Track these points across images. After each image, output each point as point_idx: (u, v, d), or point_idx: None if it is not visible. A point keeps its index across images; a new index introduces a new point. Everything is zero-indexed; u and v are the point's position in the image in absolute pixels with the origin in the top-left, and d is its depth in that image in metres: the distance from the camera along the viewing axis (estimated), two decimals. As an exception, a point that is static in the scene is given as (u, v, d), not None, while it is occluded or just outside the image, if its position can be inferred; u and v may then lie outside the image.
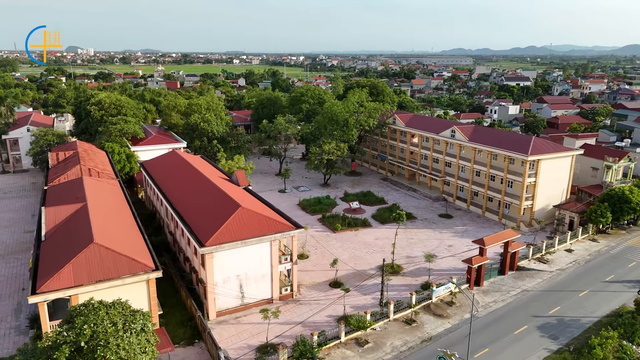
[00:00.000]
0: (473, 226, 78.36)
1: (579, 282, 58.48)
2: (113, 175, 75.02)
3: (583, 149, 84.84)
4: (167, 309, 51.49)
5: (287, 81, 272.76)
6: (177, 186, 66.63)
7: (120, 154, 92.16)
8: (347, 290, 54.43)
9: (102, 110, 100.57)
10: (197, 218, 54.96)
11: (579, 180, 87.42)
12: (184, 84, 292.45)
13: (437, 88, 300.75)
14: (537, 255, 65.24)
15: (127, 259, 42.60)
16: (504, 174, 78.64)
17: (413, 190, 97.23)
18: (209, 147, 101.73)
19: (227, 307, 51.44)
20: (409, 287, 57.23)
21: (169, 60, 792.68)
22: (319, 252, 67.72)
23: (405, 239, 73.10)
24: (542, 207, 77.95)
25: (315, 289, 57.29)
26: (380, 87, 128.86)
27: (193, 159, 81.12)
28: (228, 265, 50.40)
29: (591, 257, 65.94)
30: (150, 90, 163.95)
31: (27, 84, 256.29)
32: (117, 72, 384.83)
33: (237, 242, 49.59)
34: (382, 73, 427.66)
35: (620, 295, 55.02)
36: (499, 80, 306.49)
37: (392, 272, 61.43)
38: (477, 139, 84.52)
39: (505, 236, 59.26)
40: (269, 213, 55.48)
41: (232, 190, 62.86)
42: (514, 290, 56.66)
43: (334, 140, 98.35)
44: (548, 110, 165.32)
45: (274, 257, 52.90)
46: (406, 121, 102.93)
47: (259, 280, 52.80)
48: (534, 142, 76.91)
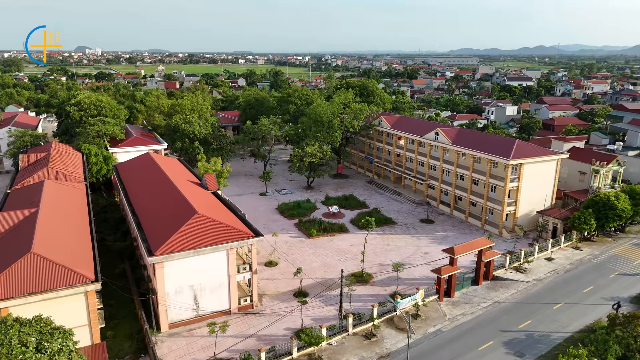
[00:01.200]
0: (454, 232, 75.62)
1: (555, 294, 55.63)
2: (82, 178, 73.15)
3: (569, 152, 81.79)
4: (118, 320, 49.65)
5: (286, 81, 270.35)
6: (142, 190, 64.64)
7: (97, 156, 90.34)
8: (305, 302, 51.97)
9: (82, 111, 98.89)
10: (154, 224, 52.90)
11: (567, 185, 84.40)
12: (183, 83, 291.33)
13: (439, 88, 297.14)
14: (514, 264, 62.43)
15: (65, 270, 40.55)
16: (487, 178, 75.82)
17: (398, 193, 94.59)
18: (190, 148, 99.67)
19: (181, 318, 49.28)
20: (376, 298, 54.76)
21: (174, 60, 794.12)
22: (290, 259, 65.40)
23: (381, 245, 70.63)
24: (526, 212, 75.03)
25: (278, 299, 54.99)
26: (371, 87, 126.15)
27: (167, 161, 79.16)
28: (181, 275, 48.25)
29: (572, 266, 63.00)
30: (140, 90, 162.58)
31: (26, 84, 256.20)
32: (118, 72, 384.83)
33: (189, 251, 47.42)
34: (385, 73, 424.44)
35: (597, 308, 52.13)
36: (501, 81, 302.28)
37: (361, 281, 58.99)
38: (460, 142, 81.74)
39: (477, 245, 56.54)
40: (228, 220, 53.22)
41: (197, 195, 60.75)
42: (485, 302, 53.95)
43: (318, 142, 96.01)
44: (546, 111, 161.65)
45: (231, 267, 50.67)
46: (392, 123, 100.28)
47: (216, 290, 50.58)
48: (517, 146, 74.01)
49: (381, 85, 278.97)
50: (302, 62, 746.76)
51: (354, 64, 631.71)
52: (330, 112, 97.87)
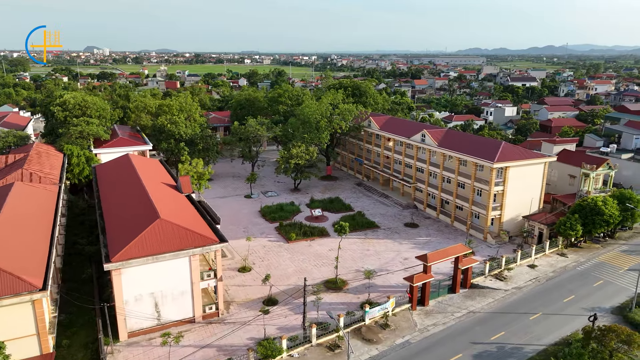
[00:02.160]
0: (438, 237, 73.54)
1: (534, 303, 53.44)
2: (57, 180, 71.88)
3: (559, 155, 79.39)
4: (76, 328, 48.22)
5: (287, 81, 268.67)
6: (113, 193, 63.25)
7: (79, 157, 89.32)
8: (267, 311, 50.16)
9: (66, 111, 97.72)
10: (117, 228, 51.43)
11: (557, 189, 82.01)
12: (184, 83, 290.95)
13: (441, 88, 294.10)
14: (495, 272, 60.26)
15: (11, 277, 39.09)
16: (472, 182, 73.66)
17: (385, 196, 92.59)
18: (176, 149, 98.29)
19: (142, 327, 47.70)
20: (348, 306, 52.95)
21: (181, 60, 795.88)
22: (265, 265, 63.72)
23: (360, 250, 68.76)
24: (512, 217, 72.78)
25: (247, 307, 53.28)
26: (363, 88, 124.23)
27: (146, 163, 77.81)
28: (140, 282, 46.69)
29: (555, 274, 60.71)
30: (134, 90, 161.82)
31: (27, 83, 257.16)
32: (121, 72, 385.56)
33: (147, 258, 45.83)
34: (389, 73, 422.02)
35: (576, 319, 49.87)
36: (504, 81, 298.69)
37: (334, 288, 57.17)
38: (446, 144, 79.62)
39: (454, 251, 54.49)
40: (193, 225, 51.61)
41: (167, 198, 59.29)
42: (460, 312, 51.89)
43: (305, 143, 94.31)
44: (545, 112, 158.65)
45: (194, 274, 49.04)
46: (381, 124, 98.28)
47: (178, 298, 48.97)
48: (503, 148, 71.76)
49: (382, 86, 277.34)
50: (307, 62, 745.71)
51: (359, 64, 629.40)
52: (317, 113, 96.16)
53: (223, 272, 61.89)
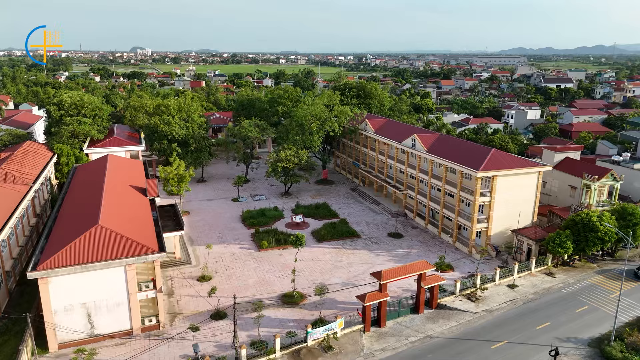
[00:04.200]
0: (420, 249, 68.75)
1: (502, 329, 48.28)
2: (32, 180, 71.37)
3: (561, 164, 72.94)
4: (9, 336, 46.72)
5: (310, 81, 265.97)
6: (74, 196, 61.96)
7: (68, 156, 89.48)
8: (197, 329, 47.15)
9: (62, 110, 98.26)
10: (59, 233, 49.81)
11: (557, 200, 75.54)
12: (210, 83, 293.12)
13: (470, 90, 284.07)
14: (469, 291, 55.21)
15: None
16: (458, 191, 68.47)
17: (377, 203, 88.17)
18: (168, 150, 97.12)
19: (73, 338, 45.72)
20: (299, 323, 49.41)
21: (218, 60, 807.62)
22: (227, 274, 60.99)
23: (332, 261, 64.96)
24: (501, 230, 67.17)
25: (193, 320, 50.44)
26: (368, 89, 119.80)
27: (124, 164, 76.57)
28: (70, 292, 44.72)
29: (536, 296, 55.06)
30: (150, 89, 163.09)
31: (58, 82, 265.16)
32: (151, 71, 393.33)
33: (76, 267, 43.80)
34: (420, 73, 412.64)
35: (543, 351, 44.41)
36: (537, 82, 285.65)
37: (289, 302, 53.73)
38: (436, 150, 74.64)
39: (413, 269, 49.97)
40: (137, 232, 49.33)
41: (124, 203, 57.51)
42: (416, 336, 47.39)
43: (295, 146, 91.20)
44: (570, 115, 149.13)
45: (130, 284, 46.69)
46: (377, 127, 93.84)
47: (114, 309, 46.73)
48: (492, 156, 66.28)
49: (407, 86, 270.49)
50: (341, 62, 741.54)
51: (393, 64, 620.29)
52: (310, 114, 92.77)
53: (181, 281, 59.91)
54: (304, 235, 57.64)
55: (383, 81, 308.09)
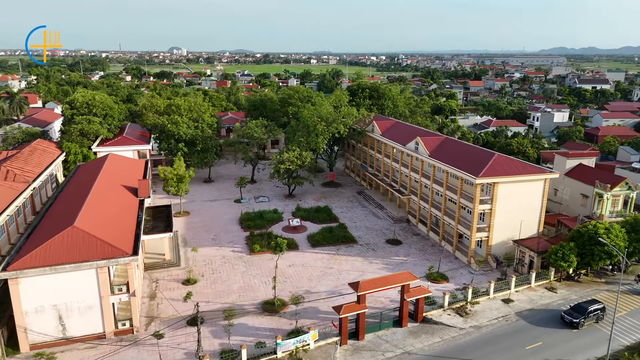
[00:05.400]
0: (416, 257, 65.85)
1: (487, 348, 45.15)
2: (32, 178, 72.11)
3: (574, 170, 68.56)
4: (-16, 335, 46.81)
5: (333, 82, 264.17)
6: (64, 196, 62.14)
7: (76, 155, 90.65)
8: (161, 336, 45.96)
9: (74, 109, 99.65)
10: (38, 233, 49.76)
11: (568, 210, 71.11)
12: (236, 83, 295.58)
13: (498, 91, 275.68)
14: (459, 304, 52.15)
15: None
16: (458, 197, 65.24)
17: (381, 207, 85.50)
18: (175, 149, 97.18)
19: (45, 340, 45.41)
20: (275, 332, 47.53)
21: (250, 60, 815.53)
22: (214, 278, 59.87)
23: (322, 267, 62.94)
24: (503, 240, 63.53)
25: (170, 324, 49.46)
26: (382, 90, 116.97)
27: (123, 163, 76.75)
28: (41, 293, 44.40)
29: (531, 312, 51.47)
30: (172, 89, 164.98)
31: (89, 82, 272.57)
32: (180, 71, 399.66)
33: (45, 268, 43.41)
34: (451, 73, 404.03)
35: (528, 374, 41.21)
36: (572, 83, 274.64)
37: (270, 310, 52.08)
38: (438, 154, 71.51)
39: (394, 280, 47.41)
40: (114, 235, 48.66)
41: (110, 204, 57.17)
42: (394, 352, 44.86)
43: (300, 147, 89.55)
44: (599, 118, 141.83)
45: (102, 287, 46.03)
46: (384, 129, 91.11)
47: (86, 312, 46.15)
48: (494, 161, 62.76)
49: (434, 86, 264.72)
50: (372, 62, 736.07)
51: (425, 64, 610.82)
52: (316, 115, 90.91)
53: (167, 283, 59.13)
54: (284, 241, 55.64)
55: (410, 81, 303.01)
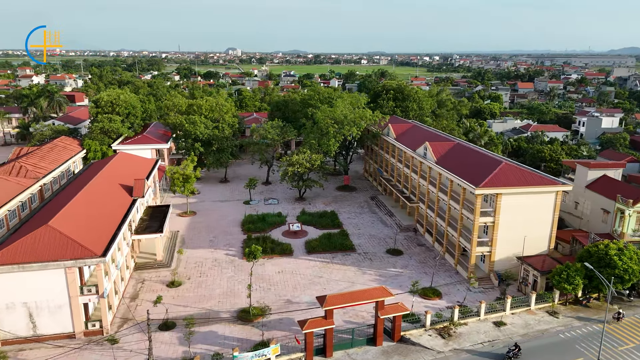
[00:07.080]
0: (414, 270, 62.11)
1: (462, 377, 41.27)
2: (43, 174, 74.07)
3: (597, 183, 62.35)
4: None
5: (374, 82, 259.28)
6: (63, 193, 63.23)
7: (96, 152, 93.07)
8: (115, 341, 45.12)
9: (99, 108, 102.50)
10: (23, 230, 50.51)
11: (589, 225, 64.78)
12: (279, 83, 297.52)
13: (549, 92, 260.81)
14: (443, 324, 48.27)
15: None
16: (460, 208, 60.91)
17: (390, 214, 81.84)
18: (192, 149, 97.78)
19: (16, 336, 45.99)
20: (244, 343, 45.94)
21: (301, 61, 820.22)
22: (199, 281, 59.02)
23: (311, 276, 60.61)
24: (507, 256, 58.57)
25: (143, 327, 48.76)
26: (407, 91, 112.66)
27: (131, 162, 77.61)
28: (11, 290, 45.00)
29: (524, 338, 46.69)
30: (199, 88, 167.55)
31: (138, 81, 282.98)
32: (227, 71, 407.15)
33: (13, 266, 43.87)
34: (503, 74, 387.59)
35: (499, 410, 37.06)
36: (633, 85, 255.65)
37: (244, 319, 50.39)
38: (445, 161, 67.28)
39: (366, 296, 44.36)
40: (89, 235, 48.62)
41: (98, 202, 57.50)
42: (359, 373, 41.93)
43: (311, 150, 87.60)
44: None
45: (71, 287, 46.04)
46: (399, 132, 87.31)
47: (55, 311, 46.35)
48: (499, 170, 57.96)
49: (479, 88, 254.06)
50: (425, 63, 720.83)
51: (479, 65, 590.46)
52: (329, 118, 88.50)
53: (152, 285, 58.80)
54: (259, 249, 53.64)
55: (456, 82, 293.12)
